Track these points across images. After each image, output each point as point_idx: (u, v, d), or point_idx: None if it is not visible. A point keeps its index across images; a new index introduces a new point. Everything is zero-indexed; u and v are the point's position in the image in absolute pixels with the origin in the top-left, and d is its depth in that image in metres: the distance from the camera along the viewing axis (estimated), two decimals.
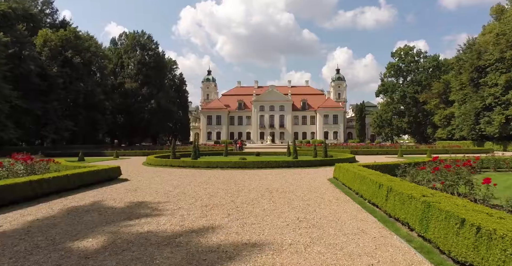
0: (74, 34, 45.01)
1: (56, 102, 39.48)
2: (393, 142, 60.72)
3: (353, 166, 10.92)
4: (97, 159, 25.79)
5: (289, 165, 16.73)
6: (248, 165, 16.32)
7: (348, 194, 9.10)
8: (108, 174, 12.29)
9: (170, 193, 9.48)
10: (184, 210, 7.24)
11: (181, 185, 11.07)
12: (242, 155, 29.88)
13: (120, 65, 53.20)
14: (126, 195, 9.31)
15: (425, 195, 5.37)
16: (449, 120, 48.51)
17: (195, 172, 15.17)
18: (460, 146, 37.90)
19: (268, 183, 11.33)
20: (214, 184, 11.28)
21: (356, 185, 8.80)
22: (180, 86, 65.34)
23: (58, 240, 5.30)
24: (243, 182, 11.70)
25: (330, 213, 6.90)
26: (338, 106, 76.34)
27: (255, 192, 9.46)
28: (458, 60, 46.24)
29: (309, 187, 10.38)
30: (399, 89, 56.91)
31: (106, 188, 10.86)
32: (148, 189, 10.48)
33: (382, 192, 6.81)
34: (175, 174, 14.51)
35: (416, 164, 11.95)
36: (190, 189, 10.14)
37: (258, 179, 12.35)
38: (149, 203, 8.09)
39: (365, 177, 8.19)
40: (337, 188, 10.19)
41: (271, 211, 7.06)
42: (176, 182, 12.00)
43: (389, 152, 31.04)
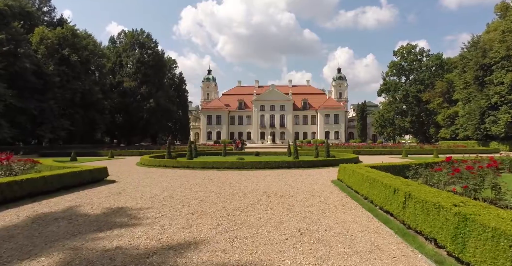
0: (72, 32, 44.04)
1: (53, 101, 38.49)
2: (395, 142, 59.57)
3: (360, 167, 9.86)
4: (91, 159, 24.80)
5: (289, 165, 15.68)
6: (246, 166, 15.28)
7: (355, 198, 8.04)
8: (92, 175, 11.27)
9: (156, 197, 8.45)
10: (167, 218, 6.20)
11: (170, 188, 10.04)
12: (242, 155, 28.86)
13: (119, 63, 52.22)
14: (107, 200, 8.28)
15: (456, 204, 4.32)
16: (452, 120, 47.34)
17: (189, 173, 14.13)
18: (465, 146, 36.77)
19: (266, 186, 10.28)
20: (207, 186, 10.24)
21: (365, 189, 7.74)
22: (179, 85, 64.32)
23: (4, 259, 4.28)
24: (239, 184, 10.66)
25: (337, 222, 5.85)
26: (339, 106, 75.22)
27: (251, 196, 8.41)
28: (462, 58, 45.07)
29: (311, 191, 9.33)
30: (402, 88, 55.73)
31: (88, 191, 9.85)
32: (133, 192, 9.45)
33: (398, 199, 5.76)
34: (167, 175, 13.48)
35: (428, 165, 10.89)
36: (179, 193, 9.10)
37: (256, 181, 11.30)
38: (129, 210, 7.05)
39: (376, 180, 7.14)
40: (343, 192, 9.13)
41: (267, 220, 6.01)
42: (166, 184, 10.97)
43: (392, 152, 29.96)
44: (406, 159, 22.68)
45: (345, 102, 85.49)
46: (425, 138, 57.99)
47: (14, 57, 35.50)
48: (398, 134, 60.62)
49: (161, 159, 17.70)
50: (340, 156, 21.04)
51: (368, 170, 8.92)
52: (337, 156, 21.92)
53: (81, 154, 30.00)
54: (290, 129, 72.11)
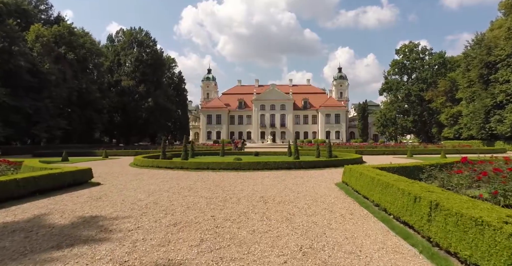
0: (68, 30, 43.13)
1: (48, 99, 37.50)
2: (396, 141, 58.45)
3: (367, 168, 8.82)
4: (84, 159, 23.80)
5: (289, 166, 14.64)
6: (243, 167, 14.25)
7: (364, 205, 7.00)
8: (74, 177, 10.25)
9: (138, 203, 7.43)
10: (143, 231, 5.17)
11: (157, 192, 9.01)
12: (241, 155, 27.85)
13: (117, 62, 51.22)
14: (82, 206, 7.27)
15: (508, 221, 3.29)
16: (456, 119, 46.24)
17: (182, 175, 13.11)
18: (470, 145, 35.66)
19: (264, 189, 9.24)
20: (198, 190, 9.20)
21: (376, 194, 6.70)
22: (179, 85, 63.31)
23: None
24: (234, 187, 9.62)
25: (346, 237, 4.82)
26: (340, 105, 74.16)
27: (245, 202, 7.38)
28: (466, 56, 43.96)
29: (314, 195, 8.29)
30: (404, 87, 54.59)
31: (66, 195, 8.83)
32: (116, 196, 8.44)
33: (421, 209, 4.72)
34: (158, 177, 12.46)
35: (443, 166, 9.85)
36: (165, 198, 8.07)
37: (252, 184, 10.26)
38: (102, 219, 6.03)
39: (389, 185, 6.10)
40: (349, 197, 8.09)
41: (262, 234, 4.98)
42: (154, 187, 9.94)
43: (396, 152, 28.90)
44: (413, 159, 21.62)
45: (346, 101, 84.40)
46: (427, 138, 56.88)
47: (8, 55, 34.53)
48: (400, 134, 59.49)
49: (154, 159, 16.70)
50: (343, 156, 19.99)
51: (378, 172, 7.88)
52: (339, 156, 20.87)
53: (76, 154, 29.08)
54: (290, 129, 71.08)
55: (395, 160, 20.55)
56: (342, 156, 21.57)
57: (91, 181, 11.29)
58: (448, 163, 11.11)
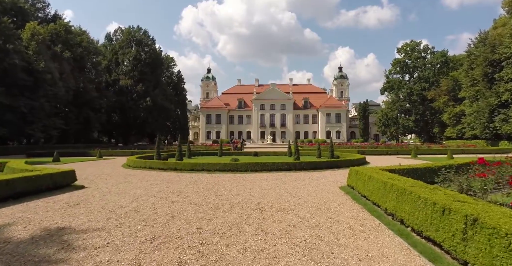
0: (65, 28, 42.23)
1: (44, 98, 36.60)
2: (398, 141, 57.46)
3: (376, 171, 7.90)
4: (76, 159, 22.89)
5: (289, 167, 13.72)
6: (240, 168, 13.33)
7: (375, 214, 6.07)
8: (54, 180, 9.34)
9: (117, 211, 6.51)
10: (111, 250, 4.25)
11: (143, 197, 8.10)
12: (240, 155, 26.96)
13: (115, 61, 50.30)
14: (54, 215, 6.35)
15: None
16: (459, 119, 45.25)
17: (174, 177, 12.19)
18: (475, 145, 34.70)
19: (261, 194, 8.32)
20: (188, 195, 8.28)
21: (390, 202, 5.77)
22: (178, 84, 62.37)
23: None
24: (228, 192, 8.70)
25: (359, 258, 3.90)
26: (340, 105, 73.21)
27: (239, 210, 6.46)
28: (469, 54, 42.96)
29: (317, 201, 7.37)
30: (405, 86, 53.59)
31: (42, 200, 7.93)
32: (96, 202, 7.53)
33: (452, 224, 3.80)
34: (148, 179, 11.55)
35: (459, 168, 8.93)
36: (150, 204, 7.15)
37: (249, 188, 9.33)
38: (70, 232, 5.12)
39: (407, 191, 5.17)
40: (356, 203, 7.17)
41: (256, 253, 4.06)
42: (141, 191, 9.03)
43: (399, 152, 27.95)
44: (418, 160, 20.68)
45: (347, 101, 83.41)
46: (429, 138, 55.91)
47: (2, 53, 33.66)
48: (402, 134, 58.48)
49: (146, 160, 15.78)
50: (346, 157, 19.07)
51: (389, 176, 6.95)
52: (342, 157, 19.94)
53: (70, 154, 28.20)
54: (290, 129, 70.16)
55: (400, 161, 19.66)
56: (344, 156, 20.64)
57: (74, 184, 10.38)
58: (462, 164, 10.20)
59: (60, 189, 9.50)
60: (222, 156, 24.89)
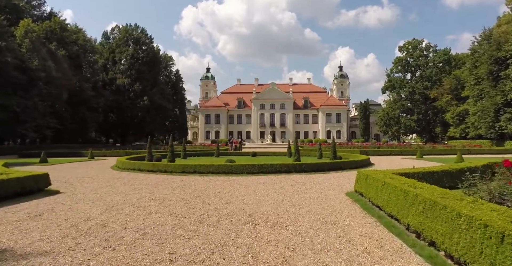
0: (60, 26, 41.11)
1: (37, 97, 35.44)
2: (399, 141, 56.22)
3: (390, 176, 6.73)
4: (66, 160, 21.72)
5: (289, 169, 12.56)
6: (235, 170, 12.16)
7: (395, 231, 4.90)
8: (22, 185, 8.17)
9: (80, 226, 5.35)
10: None
11: (119, 205, 6.94)
12: (237, 155, 25.85)
13: (112, 60, 49.12)
14: (5, 229, 5.22)
15: None
16: (462, 118, 44.05)
17: (162, 180, 11.03)
18: (480, 145, 33.52)
19: (256, 202, 7.15)
20: (172, 203, 7.11)
21: (414, 217, 4.58)
22: (176, 83, 61.15)
23: None
24: (218, 199, 7.52)
25: None
26: (341, 104, 72.01)
27: (227, 225, 5.29)
28: (473, 52, 41.77)
29: (321, 212, 6.20)
30: (407, 85, 52.32)
31: (2, 209, 6.78)
32: (62, 212, 6.38)
33: None
34: (134, 183, 10.40)
35: (484, 171, 7.75)
36: (123, 216, 5.98)
37: (243, 194, 8.16)
38: (7, 257, 3.95)
39: (438, 205, 4.00)
40: (368, 214, 5.99)
41: None
42: (120, 198, 7.87)
43: (403, 152, 26.76)
44: (424, 160, 19.50)
45: (347, 100, 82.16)
46: (431, 138, 54.71)
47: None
48: (404, 133, 57.22)
49: (136, 161, 14.61)
50: (349, 158, 17.92)
51: (408, 182, 5.78)
52: (344, 157, 18.79)
53: (61, 154, 27.08)
54: (290, 129, 68.97)
55: (405, 162, 18.50)
56: (347, 157, 19.48)
57: (49, 188, 9.22)
58: (482, 167, 9.03)
59: (30, 195, 8.35)
60: (219, 157, 23.74)
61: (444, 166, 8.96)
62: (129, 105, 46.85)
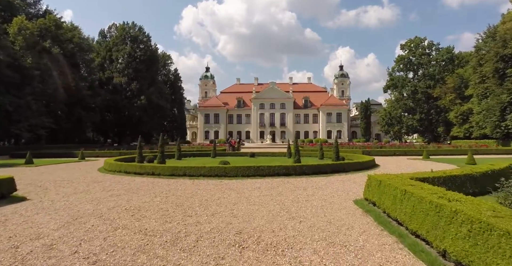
0: (55, 23, 39.96)
1: (31, 96, 34.30)
2: (401, 141, 54.95)
3: (409, 182, 5.54)
4: (55, 161, 20.55)
5: (288, 171, 11.37)
6: (229, 173, 10.98)
7: (424, 257, 3.70)
8: None
9: (20, 248, 4.17)
10: None
11: (84, 217, 5.75)
12: (235, 156, 24.72)
13: (109, 58, 47.96)
14: None
15: None
16: (466, 117, 42.81)
17: (147, 184, 9.86)
18: (487, 145, 32.28)
19: (248, 214, 5.95)
20: (146, 215, 5.92)
21: (457, 242, 3.37)
22: (174, 82, 59.95)
23: None
24: (203, 209, 6.33)
25: None
26: (341, 104, 70.78)
27: (206, 249, 4.09)
28: (478, 50, 40.54)
29: (327, 228, 5.00)
30: (410, 84, 51.04)
31: None
32: (11, 227, 5.21)
33: None
34: (113, 188, 9.22)
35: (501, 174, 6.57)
36: (80, 234, 4.80)
37: (233, 203, 6.96)
38: None
39: (495, 231, 2.82)
40: (385, 231, 4.79)
41: None
42: (90, 207, 6.69)
43: (407, 152, 25.53)
44: (431, 161, 18.27)
45: (348, 100, 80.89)
46: (433, 137, 53.47)
47: None
48: (406, 133, 55.92)
49: (123, 163, 13.42)
50: (353, 158, 16.75)
51: (437, 191, 4.60)
52: (347, 158, 17.61)
53: (52, 155, 25.94)
54: (290, 128, 67.78)
55: (412, 163, 17.30)
56: (350, 158, 18.30)
57: (14, 194, 8.06)
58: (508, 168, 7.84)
59: None
60: (216, 158, 22.58)
61: (466, 169, 7.77)
62: (126, 105, 45.73)
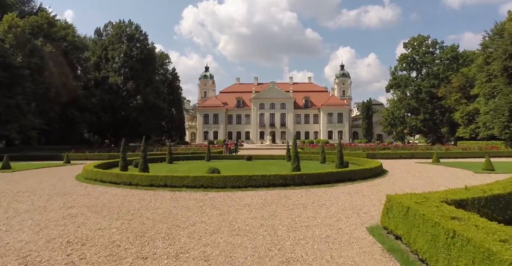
0: (47, 21, 38.46)
1: (21, 96, 32.75)
2: (403, 142, 53.16)
3: (451, 210, 3.90)
4: (35, 165, 18.90)
5: (286, 182, 9.73)
6: (217, 183, 9.35)
7: None
8: None
9: None
10: None
11: (4, 256, 4.15)
12: (231, 159, 23.20)
13: (105, 57, 46.38)
14: None
15: None
16: (472, 118, 41.04)
17: (116, 199, 8.23)
18: (497, 147, 30.52)
19: (224, 254, 4.30)
20: (88, 253, 4.29)
21: None
22: (173, 82, 58.35)
23: None
24: (167, 244, 4.67)
25: None
26: (343, 104, 69.11)
27: None
28: (485, 47, 38.78)
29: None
30: (413, 83, 49.23)
31: None
32: None
33: None
34: (75, 204, 7.61)
35: None
36: None
37: (211, 232, 5.29)
38: None
39: None
40: None
41: None
42: (24, 236, 5.08)
43: (415, 155, 23.79)
44: (442, 166, 16.53)
45: (349, 100, 79.18)
46: (437, 138, 51.70)
47: None
48: (409, 134, 54.09)
49: (100, 170, 11.78)
50: (357, 163, 15.15)
51: (502, 233, 2.97)
52: (351, 163, 15.99)
53: (36, 158, 24.33)
54: (291, 129, 66.15)
55: (423, 168, 15.56)
56: (354, 161, 16.68)
57: None
58: None
59: None
60: (210, 161, 21.00)
61: (507, 186, 6.10)
62: (121, 105, 44.16)
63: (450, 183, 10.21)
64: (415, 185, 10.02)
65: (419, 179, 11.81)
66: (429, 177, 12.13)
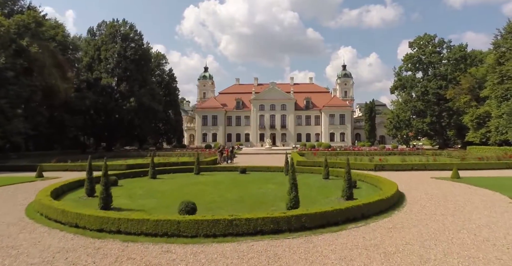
0: (35, 20, 36.10)
1: (4, 99, 30.49)
2: (409, 145, 50.46)
3: None
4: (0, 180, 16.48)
5: (278, 227, 7.17)
6: (186, 231, 6.84)
7: None
8: None
9: None
10: None
11: None
12: (223, 171, 20.81)
13: (97, 58, 44.07)
14: None
15: None
16: (482, 121, 38.37)
17: (40, 255, 5.78)
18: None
19: None
20: None
21: None
22: (169, 83, 55.98)
23: None
24: None
25: None
26: (345, 105, 66.59)
27: None
28: (497, 47, 36.04)
29: None
30: (419, 85, 46.50)
31: None
32: None
33: None
34: None
35: None
36: None
37: None
38: None
39: None
40: None
41: None
42: None
43: (427, 166, 20.98)
44: (468, 185, 13.76)
45: (351, 101, 76.57)
46: (444, 142, 48.99)
47: None
48: (415, 137, 51.37)
49: (45, 202, 9.24)
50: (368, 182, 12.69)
51: None
52: (359, 181, 13.47)
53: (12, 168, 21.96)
54: (291, 131, 63.70)
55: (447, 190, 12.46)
56: (364, 179, 14.18)
57: None
58: None
59: None
60: (200, 174, 18.56)
61: None
62: (114, 107, 41.84)
63: (491, 223, 7.72)
64: (446, 228, 7.49)
65: (446, 210, 9.29)
66: (459, 209, 9.59)
